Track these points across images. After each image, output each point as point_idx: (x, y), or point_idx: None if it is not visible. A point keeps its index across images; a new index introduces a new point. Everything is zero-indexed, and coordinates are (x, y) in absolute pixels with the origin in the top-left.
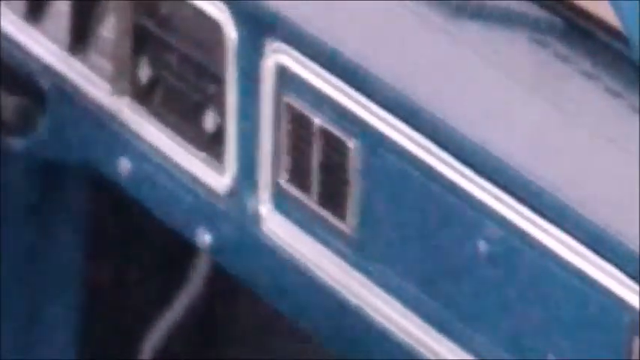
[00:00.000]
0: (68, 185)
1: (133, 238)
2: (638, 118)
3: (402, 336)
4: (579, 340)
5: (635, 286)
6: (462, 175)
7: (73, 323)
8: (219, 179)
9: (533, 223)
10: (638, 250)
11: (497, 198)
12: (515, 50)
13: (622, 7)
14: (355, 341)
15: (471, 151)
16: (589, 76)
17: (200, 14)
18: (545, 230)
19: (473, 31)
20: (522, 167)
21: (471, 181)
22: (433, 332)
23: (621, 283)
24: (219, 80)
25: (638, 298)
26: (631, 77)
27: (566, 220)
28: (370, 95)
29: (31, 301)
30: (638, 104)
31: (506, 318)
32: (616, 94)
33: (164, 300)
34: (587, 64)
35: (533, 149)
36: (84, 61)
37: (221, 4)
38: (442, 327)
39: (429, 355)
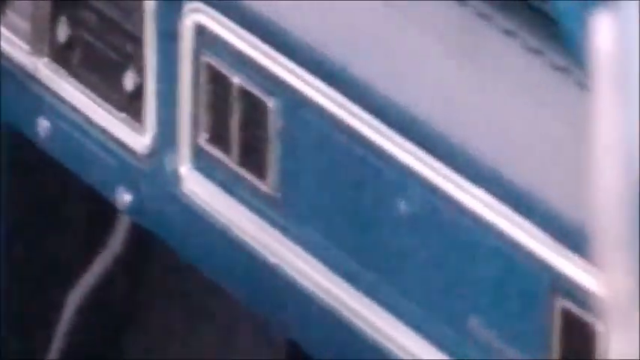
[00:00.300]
0: None
1: (54, 197)
2: (557, 76)
3: (322, 295)
4: (500, 301)
5: (556, 245)
6: (382, 134)
7: None
8: (138, 139)
9: (454, 182)
10: (558, 209)
11: (417, 158)
12: (436, 10)
13: None
14: (274, 300)
15: (391, 110)
16: (509, 33)
17: None
18: (465, 190)
19: None
20: (443, 127)
21: (390, 140)
22: (354, 292)
23: (542, 242)
24: (137, 40)
25: (558, 257)
26: (551, 34)
27: (487, 180)
28: (289, 55)
29: None
30: (557, 62)
31: (426, 279)
32: (536, 52)
33: (86, 260)
34: (507, 23)
35: (453, 109)
36: (1, 21)
37: None
38: (363, 287)
39: (349, 315)
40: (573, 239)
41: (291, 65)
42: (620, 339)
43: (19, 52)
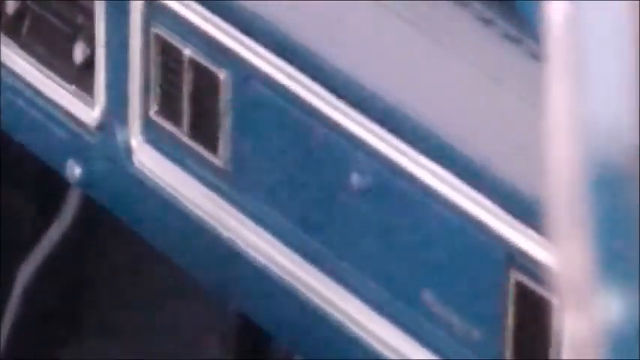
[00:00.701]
0: None
1: (4, 172)
2: (510, 46)
3: (274, 269)
4: (455, 275)
5: (510, 219)
6: (334, 107)
7: None
8: (89, 112)
9: (407, 156)
10: (512, 183)
11: (370, 130)
12: None
13: None
14: (226, 273)
15: (343, 83)
16: (461, 3)
17: None
18: (418, 163)
19: None
20: (395, 100)
21: (343, 113)
22: (307, 266)
23: (496, 216)
24: (87, 11)
25: (513, 231)
26: (503, 4)
27: (440, 153)
28: (240, 26)
29: None
30: (509, 32)
31: (379, 252)
32: (488, 22)
33: (36, 234)
34: (478, 7)
35: (406, 81)
36: None
37: None
38: (314, 259)
39: (302, 289)
40: (527, 212)
41: (243, 37)
42: (574, 315)
43: None
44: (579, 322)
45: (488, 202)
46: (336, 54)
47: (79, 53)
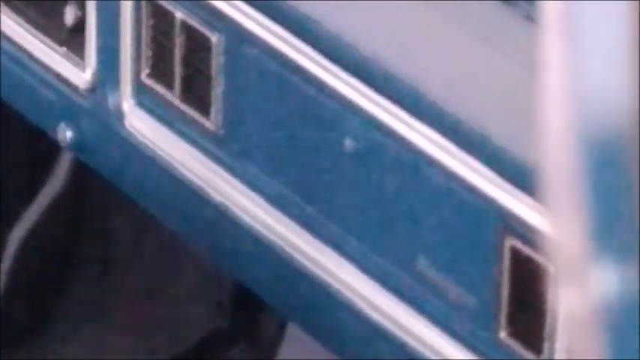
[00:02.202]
0: None
1: None
2: (504, 8)
3: (267, 234)
4: (449, 241)
5: (506, 184)
6: (328, 70)
7: None
8: (80, 75)
9: (400, 119)
10: (507, 148)
11: (362, 94)
12: None
13: None
14: (218, 238)
15: (336, 46)
16: None
17: None
18: (412, 127)
19: None
20: (388, 63)
21: (336, 77)
22: (299, 230)
23: (491, 181)
24: None
25: (507, 196)
26: None
27: (434, 117)
28: None
29: None
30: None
31: (373, 218)
32: None
33: (27, 197)
34: None
35: (398, 44)
36: None
37: None
38: (308, 225)
39: (295, 254)
40: (523, 178)
41: (235, 0)
42: (570, 289)
43: None
44: (576, 293)
45: (483, 167)
46: (330, 17)
47: (69, 15)
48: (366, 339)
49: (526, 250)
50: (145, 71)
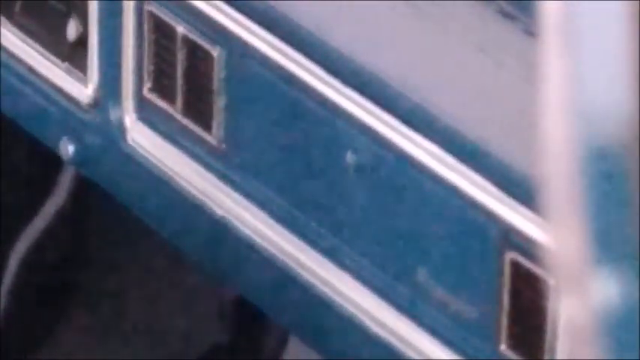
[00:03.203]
0: None
1: None
2: (505, 23)
3: (269, 247)
4: (450, 254)
5: (506, 198)
6: (329, 85)
7: None
8: (82, 89)
9: (401, 133)
10: (508, 161)
11: (364, 109)
12: None
13: None
14: (220, 252)
15: (337, 60)
16: None
17: None
18: (414, 142)
19: None
20: (390, 78)
21: (337, 90)
22: (300, 244)
23: (491, 195)
24: None
25: (508, 210)
26: None
27: (435, 131)
28: (234, 3)
29: None
30: (505, 8)
31: (374, 231)
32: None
33: (30, 212)
34: None
35: (401, 59)
36: None
37: None
38: (310, 238)
39: (295, 267)
40: (523, 191)
41: (236, 14)
42: (571, 298)
43: None
44: (576, 305)
45: (483, 181)
46: (331, 31)
47: (72, 30)
48: (367, 352)
49: (526, 264)
50: (147, 86)
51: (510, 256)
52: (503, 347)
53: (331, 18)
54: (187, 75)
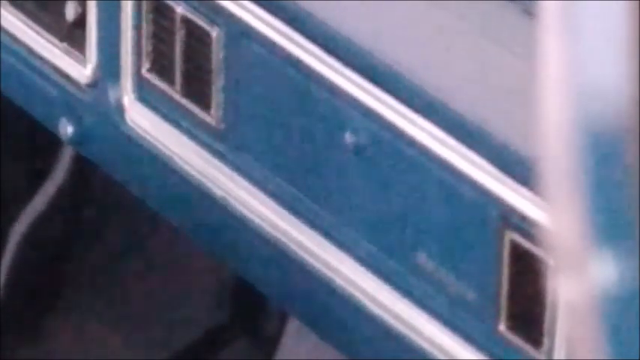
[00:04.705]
0: None
1: None
2: (504, 4)
3: (266, 227)
4: (450, 236)
5: (505, 178)
6: (327, 65)
7: None
8: (80, 70)
9: (400, 114)
10: (507, 142)
11: (362, 88)
12: None
13: None
14: (218, 232)
15: (336, 41)
16: None
17: None
18: (412, 121)
19: None
20: (388, 58)
21: (336, 71)
22: (299, 224)
23: (491, 175)
24: None
25: (507, 190)
26: None
27: (434, 111)
28: None
29: None
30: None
31: (373, 212)
32: None
33: (29, 191)
34: None
35: (398, 39)
36: None
37: None
38: (308, 219)
39: (295, 248)
40: (523, 172)
41: None
42: (569, 279)
43: None
44: (575, 285)
45: (482, 161)
46: (329, 12)
47: (70, 10)
48: (367, 333)
49: (526, 244)
50: (146, 66)
51: (510, 236)
52: (502, 327)
53: (336, 3)
54: (186, 55)
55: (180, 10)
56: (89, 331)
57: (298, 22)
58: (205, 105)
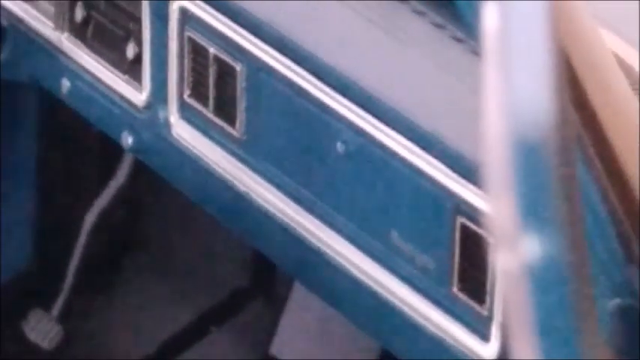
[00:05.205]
0: (21, 105)
1: (75, 140)
2: (456, 45)
3: (276, 212)
4: (416, 220)
5: (458, 178)
6: (324, 92)
7: (31, 202)
8: (138, 95)
9: (379, 129)
10: (460, 149)
11: (351, 110)
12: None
13: None
14: (241, 216)
15: (330, 74)
16: (420, 13)
17: None
18: (387, 135)
19: None
20: (370, 86)
21: (331, 97)
22: (302, 212)
23: (447, 175)
24: (137, 19)
25: (459, 186)
26: (452, 13)
27: (404, 127)
28: (252, 30)
29: None
30: (456, 34)
31: (359, 201)
32: (440, 27)
33: (101, 186)
34: (418, 5)
35: (378, 73)
36: (33, 5)
37: None
38: (309, 207)
39: (299, 229)
40: (470, 173)
41: (254, 39)
42: (505, 256)
43: (46, 29)
44: (508, 259)
45: (441, 165)
46: (325, 53)
47: (130, 51)
48: (352, 292)
49: (473, 227)
50: (187, 92)
51: (460, 220)
52: (455, 289)
53: (325, 42)
54: (217, 84)
55: (212, 50)
56: (142, 286)
57: (301, 59)
58: (231, 122)
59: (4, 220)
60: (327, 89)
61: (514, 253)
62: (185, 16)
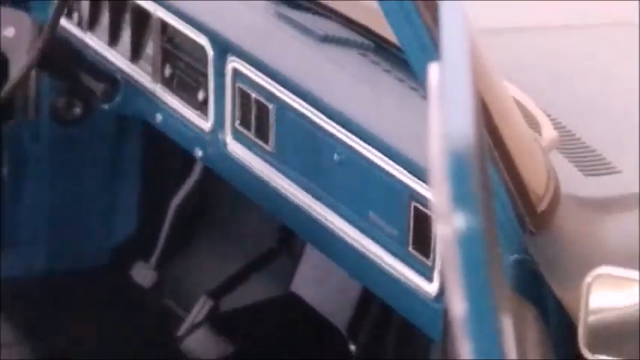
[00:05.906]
0: (131, 130)
1: (164, 155)
2: (411, 92)
3: (297, 202)
4: (385, 204)
5: (411, 176)
6: (326, 122)
7: (136, 191)
8: (205, 124)
9: (361, 145)
10: (414, 158)
11: (343, 133)
12: (349, 58)
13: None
14: (272, 201)
15: (331, 110)
16: (387, 71)
17: (194, 43)
18: (367, 149)
19: (322, 49)
20: (355, 117)
21: (330, 125)
22: (312, 199)
23: (403, 174)
24: (205, 75)
25: (414, 182)
26: (410, 71)
27: (379, 144)
28: (280, 82)
29: (109, 192)
30: (412, 84)
31: (349, 192)
32: (401, 80)
33: (179, 185)
34: (387, 65)
35: (360, 110)
36: (137, 64)
37: (205, 38)
38: (317, 196)
39: (311, 211)
40: (422, 172)
41: (281, 87)
42: (441, 227)
43: (146, 81)
44: (444, 230)
45: (401, 168)
46: (326, 96)
47: (201, 96)
48: (343, 252)
49: (422, 208)
50: (237, 122)
51: (414, 204)
52: (410, 248)
53: (327, 90)
54: (257, 117)
55: (254, 95)
56: (210, 248)
57: (311, 101)
58: (266, 141)
59: (119, 202)
60: (328, 120)
61: (448, 225)
62: (236, 73)
